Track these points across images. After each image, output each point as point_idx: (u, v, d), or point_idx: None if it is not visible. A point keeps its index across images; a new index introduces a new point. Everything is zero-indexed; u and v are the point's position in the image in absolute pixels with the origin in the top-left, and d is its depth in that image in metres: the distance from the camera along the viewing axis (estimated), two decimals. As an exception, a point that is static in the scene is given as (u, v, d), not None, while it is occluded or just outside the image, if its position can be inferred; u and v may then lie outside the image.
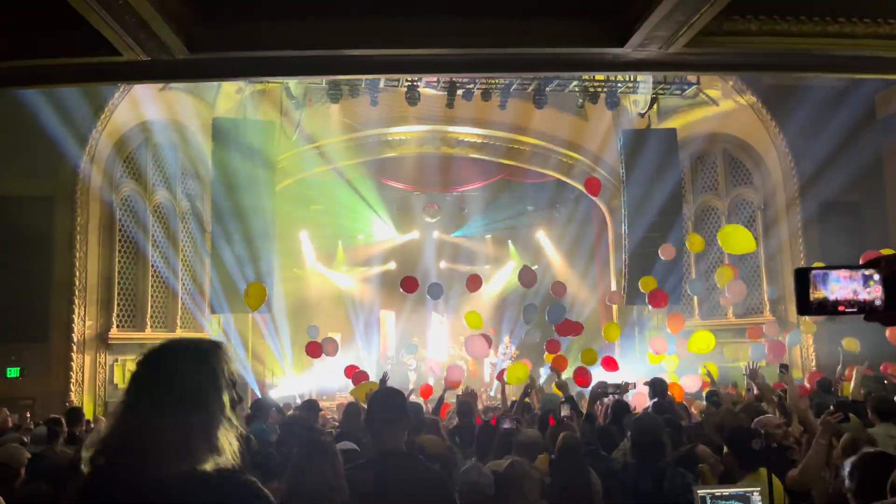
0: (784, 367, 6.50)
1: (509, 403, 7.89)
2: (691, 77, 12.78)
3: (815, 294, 1.24)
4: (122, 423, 1.60)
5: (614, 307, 15.02)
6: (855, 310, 1.23)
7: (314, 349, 11.30)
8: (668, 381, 8.01)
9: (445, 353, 18.11)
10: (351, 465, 3.13)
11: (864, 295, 1.21)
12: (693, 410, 7.98)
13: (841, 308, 1.23)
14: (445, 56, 3.68)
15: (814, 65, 4.21)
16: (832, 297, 1.24)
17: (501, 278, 18.77)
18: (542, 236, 18.20)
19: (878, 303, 1.21)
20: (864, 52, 3.80)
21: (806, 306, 1.26)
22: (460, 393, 8.16)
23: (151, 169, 12.82)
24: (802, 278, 1.26)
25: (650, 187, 13.27)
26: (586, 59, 3.67)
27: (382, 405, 3.15)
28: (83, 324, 11.22)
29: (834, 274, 1.24)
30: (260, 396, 10.85)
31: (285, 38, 3.50)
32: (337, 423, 7.17)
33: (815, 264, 1.41)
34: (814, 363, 12.12)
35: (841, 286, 1.23)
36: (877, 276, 1.21)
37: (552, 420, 5.27)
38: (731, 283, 11.56)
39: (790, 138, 12.84)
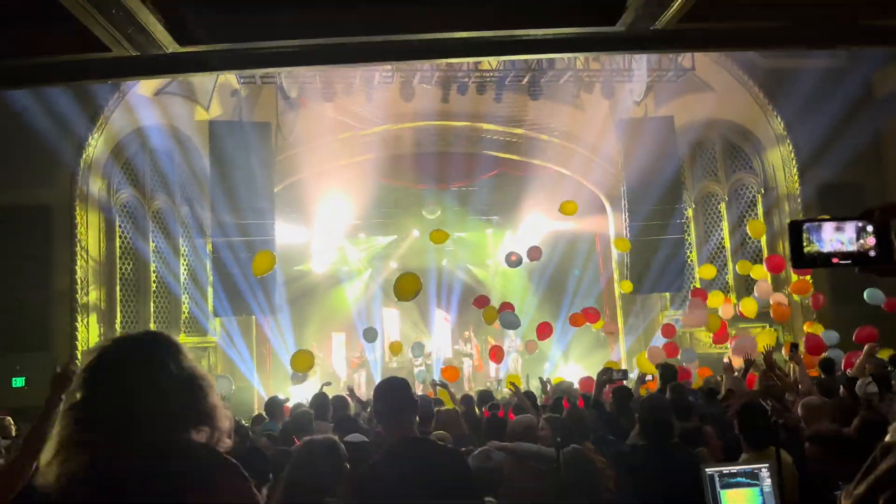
0: (794, 347, 6.50)
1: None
2: (686, 62, 12.76)
3: (809, 247, 1.23)
4: (74, 430, 1.57)
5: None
6: (849, 261, 1.21)
7: None
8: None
9: (450, 350, 18.12)
10: (372, 460, 3.14)
11: (857, 246, 1.20)
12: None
13: (835, 260, 1.22)
14: (435, 41, 3.65)
15: (812, 38, 4.17)
16: (826, 250, 1.22)
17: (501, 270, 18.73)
18: (542, 229, 18.13)
19: (871, 254, 1.19)
20: (865, 21, 3.75)
21: (800, 259, 1.24)
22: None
23: (149, 174, 12.82)
24: (796, 231, 1.24)
25: (649, 175, 13.24)
26: (576, 39, 3.63)
27: (389, 395, 3.15)
28: (86, 331, 11.21)
29: (827, 226, 1.23)
30: (266, 398, 10.84)
31: (278, 27, 3.47)
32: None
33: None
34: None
35: (834, 238, 1.22)
36: (870, 228, 1.19)
37: (566, 403, 5.29)
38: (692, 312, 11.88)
39: (788, 121, 12.80)
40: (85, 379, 1.63)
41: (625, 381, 6.97)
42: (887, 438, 0.89)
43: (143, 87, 11.71)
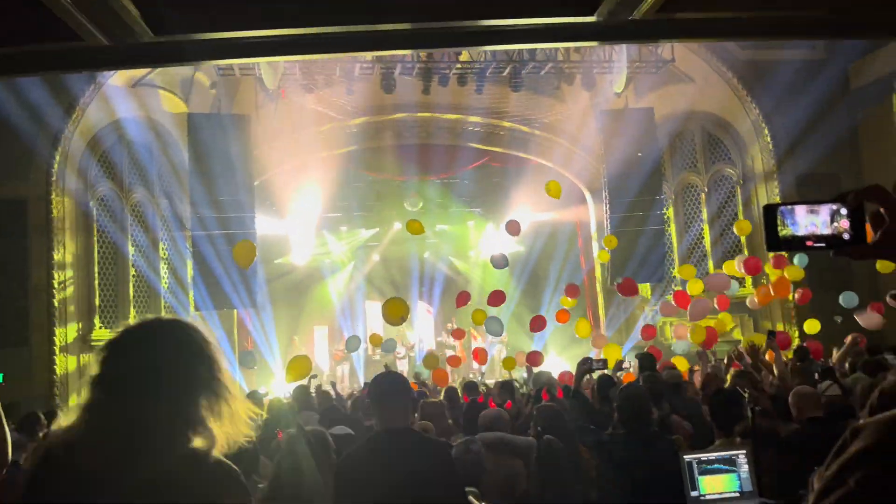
0: (771, 334, 6.58)
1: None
2: (666, 54, 12.82)
3: (784, 230, 1.23)
4: (92, 409, 1.55)
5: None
6: (823, 244, 1.21)
7: None
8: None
9: (433, 342, 18.13)
10: (356, 446, 3.16)
11: (831, 230, 1.20)
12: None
13: (809, 243, 1.22)
14: (412, 31, 3.62)
15: (791, 29, 4.18)
16: (800, 233, 1.22)
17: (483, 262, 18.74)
18: (524, 221, 18.14)
19: (845, 237, 1.19)
20: (844, 13, 3.77)
21: (775, 242, 1.24)
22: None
23: (127, 167, 12.66)
24: (770, 214, 1.24)
25: (630, 167, 13.32)
26: (554, 29, 3.62)
27: (386, 386, 3.19)
28: (64, 326, 11.07)
29: (801, 209, 1.23)
30: (248, 391, 10.78)
31: (258, 16, 3.41)
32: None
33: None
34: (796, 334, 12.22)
35: (808, 221, 1.22)
36: (844, 211, 1.19)
37: (545, 395, 5.33)
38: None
39: (766, 112, 12.90)
40: (103, 352, 1.63)
41: (605, 371, 7.02)
42: (861, 422, 0.89)
43: (120, 79, 11.55)
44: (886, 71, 11.82)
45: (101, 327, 11.81)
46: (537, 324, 11.45)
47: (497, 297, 11.50)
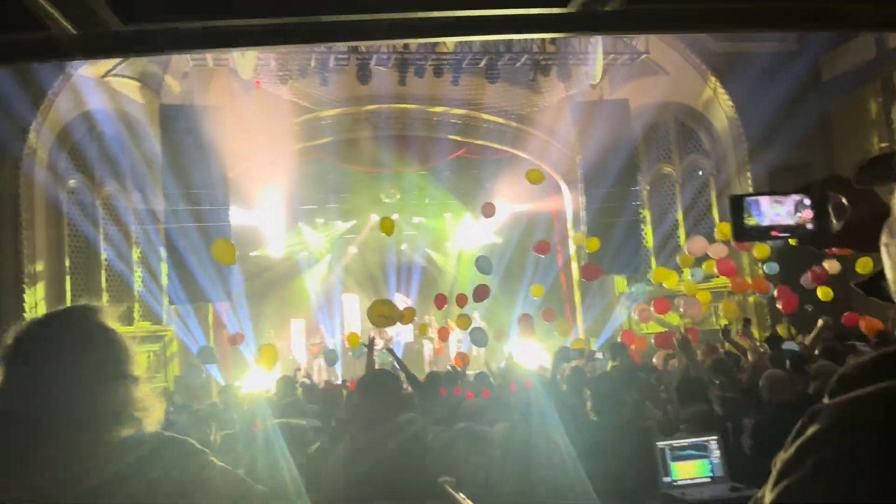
0: (747, 322, 6.69)
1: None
2: (640, 45, 12.89)
3: (749, 220, 1.26)
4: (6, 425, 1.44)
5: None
6: (787, 234, 1.24)
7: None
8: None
9: (411, 334, 18.10)
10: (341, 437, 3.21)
11: (795, 219, 1.23)
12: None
13: (774, 233, 1.25)
14: (388, 21, 3.60)
15: (763, 20, 4.23)
16: (765, 223, 1.25)
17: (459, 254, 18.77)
18: (501, 212, 18.15)
19: (809, 226, 1.22)
20: (815, 4, 3.81)
21: (741, 232, 1.27)
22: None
23: (98, 160, 12.46)
24: (737, 205, 1.26)
25: (605, 158, 13.39)
26: (528, 20, 3.63)
27: (373, 381, 3.36)
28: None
29: (766, 200, 1.25)
30: (224, 384, 10.71)
31: (230, 4, 3.35)
32: None
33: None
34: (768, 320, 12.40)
35: (773, 212, 1.24)
36: (807, 201, 1.21)
37: (513, 387, 5.37)
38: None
39: (738, 104, 13.03)
40: (3, 362, 1.49)
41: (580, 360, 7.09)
42: (819, 404, 0.91)
43: (90, 69, 11.36)
44: (857, 63, 12.00)
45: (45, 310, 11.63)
46: (525, 321, 11.56)
47: (481, 292, 11.55)
